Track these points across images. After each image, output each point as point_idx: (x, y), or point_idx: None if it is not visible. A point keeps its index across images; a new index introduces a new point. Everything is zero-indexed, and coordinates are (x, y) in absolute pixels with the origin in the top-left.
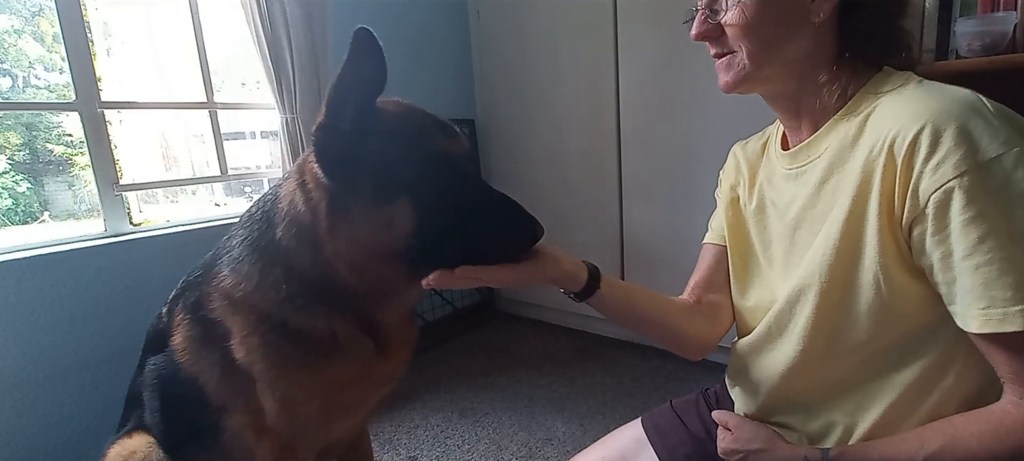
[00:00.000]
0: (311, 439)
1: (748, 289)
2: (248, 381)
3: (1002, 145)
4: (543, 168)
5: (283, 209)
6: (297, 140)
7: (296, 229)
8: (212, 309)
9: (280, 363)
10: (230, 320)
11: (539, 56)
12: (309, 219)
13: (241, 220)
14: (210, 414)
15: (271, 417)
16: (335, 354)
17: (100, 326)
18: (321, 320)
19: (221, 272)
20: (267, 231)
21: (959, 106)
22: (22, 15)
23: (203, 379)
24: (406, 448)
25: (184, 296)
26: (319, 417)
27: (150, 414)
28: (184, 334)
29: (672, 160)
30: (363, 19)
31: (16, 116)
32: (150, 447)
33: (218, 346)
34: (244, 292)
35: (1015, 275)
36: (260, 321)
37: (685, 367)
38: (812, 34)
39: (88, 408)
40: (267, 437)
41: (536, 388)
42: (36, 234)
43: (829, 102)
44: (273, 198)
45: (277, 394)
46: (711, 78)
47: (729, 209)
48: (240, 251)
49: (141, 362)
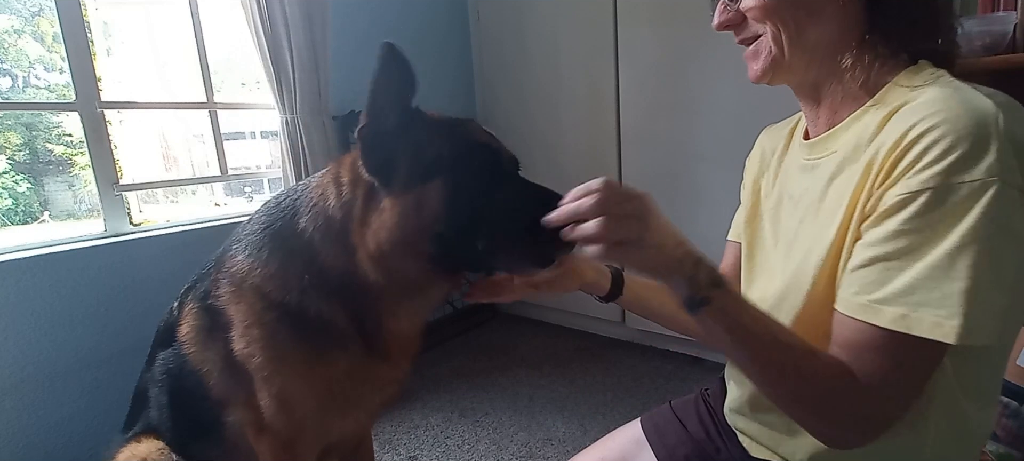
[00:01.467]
0: (309, 439)
1: (753, 280)
2: (246, 376)
3: (982, 172)
4: (543, 168)
5: (312, 202)
6: (297, 140)
7: (323, 223)
8: (218, 296)
9: (278, 356)
10: (232, 309)
11: (539, 56)
12: (339, 214)
13: (261, 210)
14: (213, 408)
15: (269, 415)
16: (337, 346)
17: (100, 326)
18: (337, 309)
19: (235, 257)
20: (291, 221)
21: (968, 118)
22: (22, 15)
23: (206, 371)
24: (406, 448)
25: (195, 287)
26: (316, 416)
27: (158, 411)
28: (191, 323)
29: (672, 159)
30: (363, 19)
31: (16, 116)
32: (161, 453)
33: (222, 335)
34: (257, 278)
35: (902, 283)
36: (267, 309)
37: (685, 367)
38: (837, 14)
39: (88, 408)
40: (267, 435)
41: (536, 388)
42: (36, 234)
43: (851, 88)
44: (301, 191)
45: (273, 390)
46: (711, 78)
47: (749, 201)
48: (260, 238)
49: (150, 358)
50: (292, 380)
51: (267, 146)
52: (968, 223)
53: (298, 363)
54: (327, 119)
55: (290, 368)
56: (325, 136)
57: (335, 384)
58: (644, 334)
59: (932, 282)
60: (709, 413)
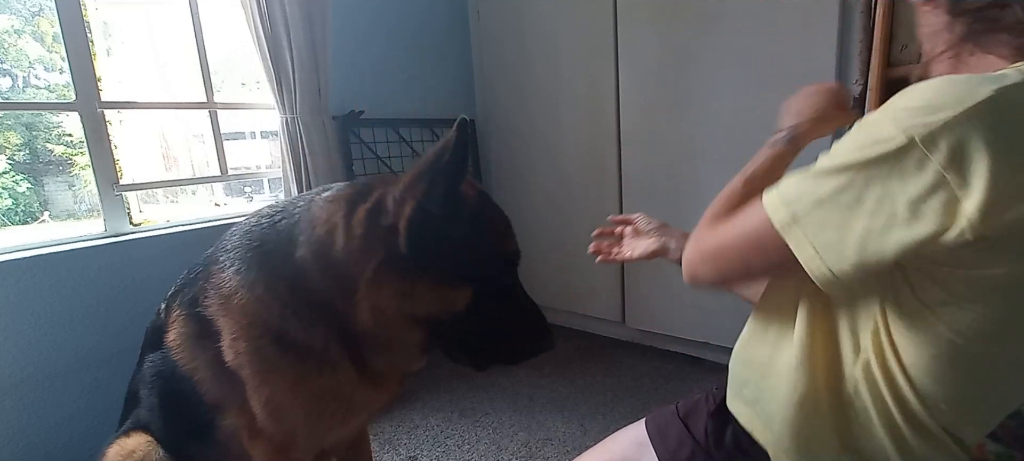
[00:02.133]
0: (302, 444)
1: None
2: (238, 383)
3: (906, 128)
4: (543, 168)
5: (314, 235)
6: (297, 140)
7: (324, 261)
8: (207, 305)
9: (265, 369)
10: (220, 321)
11: (539, 56)
12: (343, 259)
13: (250, 227)
14: (206, 412)
15: (261, 421)
16: (324, 368)
17: (100, 326)
18: (317, 337)
19: (223, 272)
20: (285, 246)
21: (948, 90)
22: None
23: (198, 376)
24: (406, 448)
25: (182, 292)
26: (306, 424)
27: (149, 411)
28: (179, 330)
29: (672, 159)
30: (363, 19)
31: (16, 116)
32: (149, 446)
33: (211, 345)
34: (243, 298)
35: (786, 180)
36: (251, 326)
37: (685, 367)
38: (931, 10)
39: (88, 408)
40: (261, 440)
41: (536, 388)
42: (36, 234)
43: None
44: (300, 215)
45: (262, 398)
46: (711, 78)
47: None
48: (248, 259)
49: (140, 359)
50: (279, 392)
51: (267, 146)
52: (861, 153)
53: (284, 377)
54: (327, 119)
55: (276, 381)
56: (325, 136)
57: (321, 400)
58: (644, 334)
59: (800, 181)
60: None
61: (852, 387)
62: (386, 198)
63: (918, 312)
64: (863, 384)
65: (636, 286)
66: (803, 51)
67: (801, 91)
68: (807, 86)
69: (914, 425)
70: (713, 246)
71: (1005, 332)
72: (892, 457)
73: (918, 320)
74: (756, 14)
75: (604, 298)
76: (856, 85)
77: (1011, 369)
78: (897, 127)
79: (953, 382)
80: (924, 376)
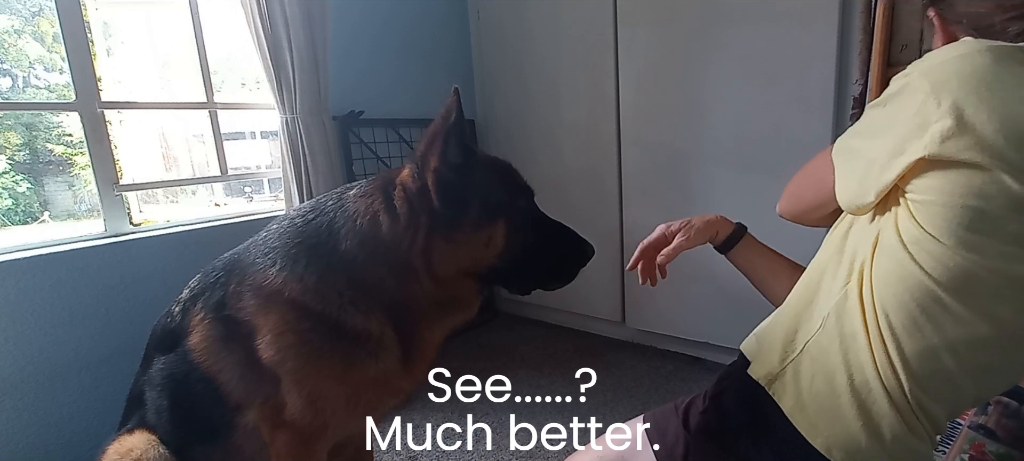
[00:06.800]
0: (328, 435)
1: None
2: (271, 379)
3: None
4: (543, 168)
5: (359, 226)
6: (297, 140)
7: (372, 246)
8: (240, 308)
9: (313, 361)
10: (260, 319)
11: (539, 56)
12: (391, 239)
13: (285, 229)
14: (225, 412)
15: (294, 411)
16: (370, 355)
17: (100, 326)
18: (374, 323)
19: (265, 272)
20: (328, 240)
21: (960, 47)
22: (22, 15)
23: (222, 378)
24: (406, 448)
25: (204, 296)
26: (343, 411)
27: (156, 413)
28: (203, 333)
29: (672, 160)
30: (363, 19)
31: (16, 116)
32: (149, 444)
33: (241, 345)
34: (294, 291)
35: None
36: (301, 319)
37: (685, 367)
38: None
39: (88, 408)
40: (284, 431)
41: (536, 388)
42: (36, 234)
43: None
44: (335, 212)
45: (305, 389)
46: (711, 78)
47: None
48: (293, 256)
49: (146, 361)
50: (324, 382)
51: (267, 146)
52: (883, 99)
53: (332, 368)
54: (327, 119)
55: (324, 372)
56: (325, 136)
57: (362, 389)
58: (644, 334)
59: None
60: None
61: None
62: (412, 172)
63: (898, 245)
64: (839, 315)
65: (636, 286)
66: (803, 51)
67: None
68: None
69: (887, 386)
70: (791, 184)
71: (975, 288)
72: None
73: (898, 252)
74: (756, 14)
75: (604, 298)
76: (856, 85)
77: (985, 346)
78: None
79: (924, 334)
80: (898, 314)
